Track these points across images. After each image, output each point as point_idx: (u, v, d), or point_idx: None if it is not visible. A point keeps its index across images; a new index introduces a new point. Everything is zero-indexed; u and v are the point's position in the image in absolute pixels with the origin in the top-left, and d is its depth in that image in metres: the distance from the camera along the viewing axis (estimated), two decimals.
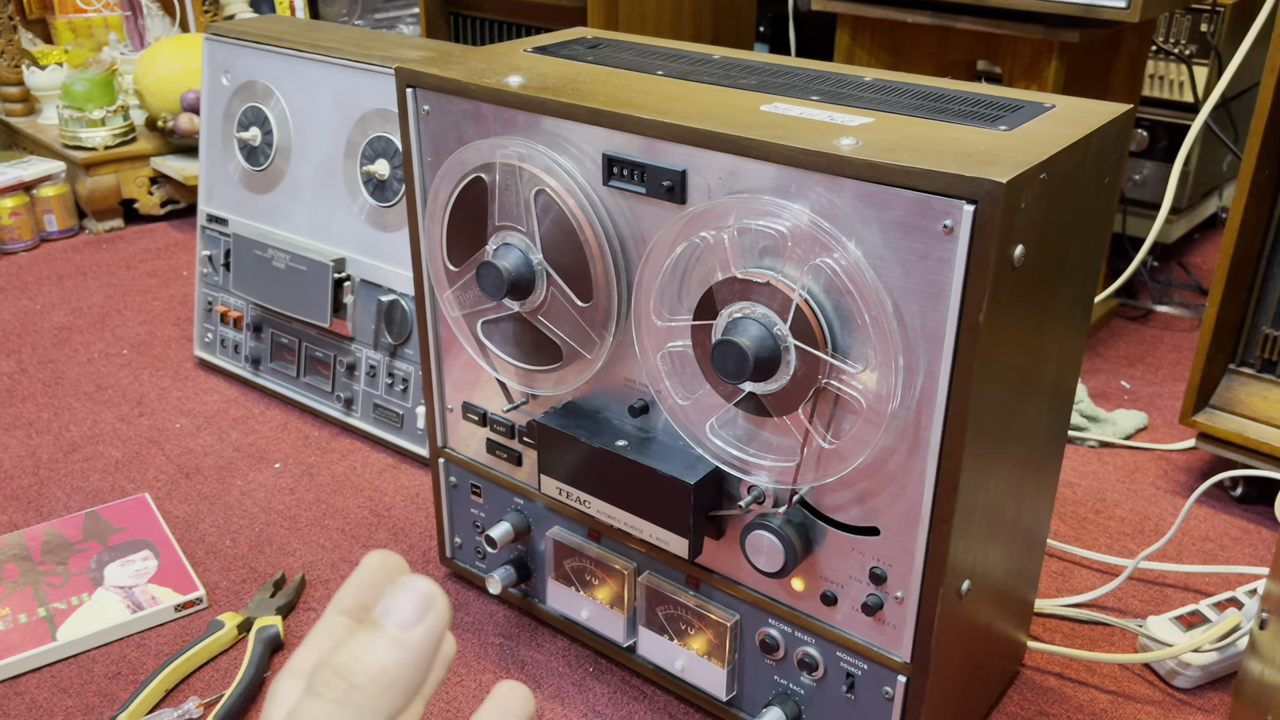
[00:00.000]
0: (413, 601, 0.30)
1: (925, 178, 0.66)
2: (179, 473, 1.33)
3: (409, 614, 0.30)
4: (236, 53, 1.44)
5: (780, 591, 0.86)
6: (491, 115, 0.88)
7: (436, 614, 0.30)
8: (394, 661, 0.29)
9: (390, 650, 0.29)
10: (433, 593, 0.30)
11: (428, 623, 0.30)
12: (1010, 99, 0.82)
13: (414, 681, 0.30)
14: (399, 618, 0.30)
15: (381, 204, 1.32)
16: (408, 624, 0.30)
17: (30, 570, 1.14)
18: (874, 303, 0.70)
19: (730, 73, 0.90)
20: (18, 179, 2.00)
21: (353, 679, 0.29)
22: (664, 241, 0.79)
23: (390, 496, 1.29)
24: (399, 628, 0.30)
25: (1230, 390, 1.27)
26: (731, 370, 0.74)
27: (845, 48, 1.54)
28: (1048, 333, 0.80)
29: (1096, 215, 0.83)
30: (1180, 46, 1.73)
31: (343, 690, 0.29)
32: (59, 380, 1.55)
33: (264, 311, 1.49)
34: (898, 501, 0.76)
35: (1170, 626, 1.04)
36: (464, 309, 0.96)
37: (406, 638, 0.30)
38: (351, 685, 0.29)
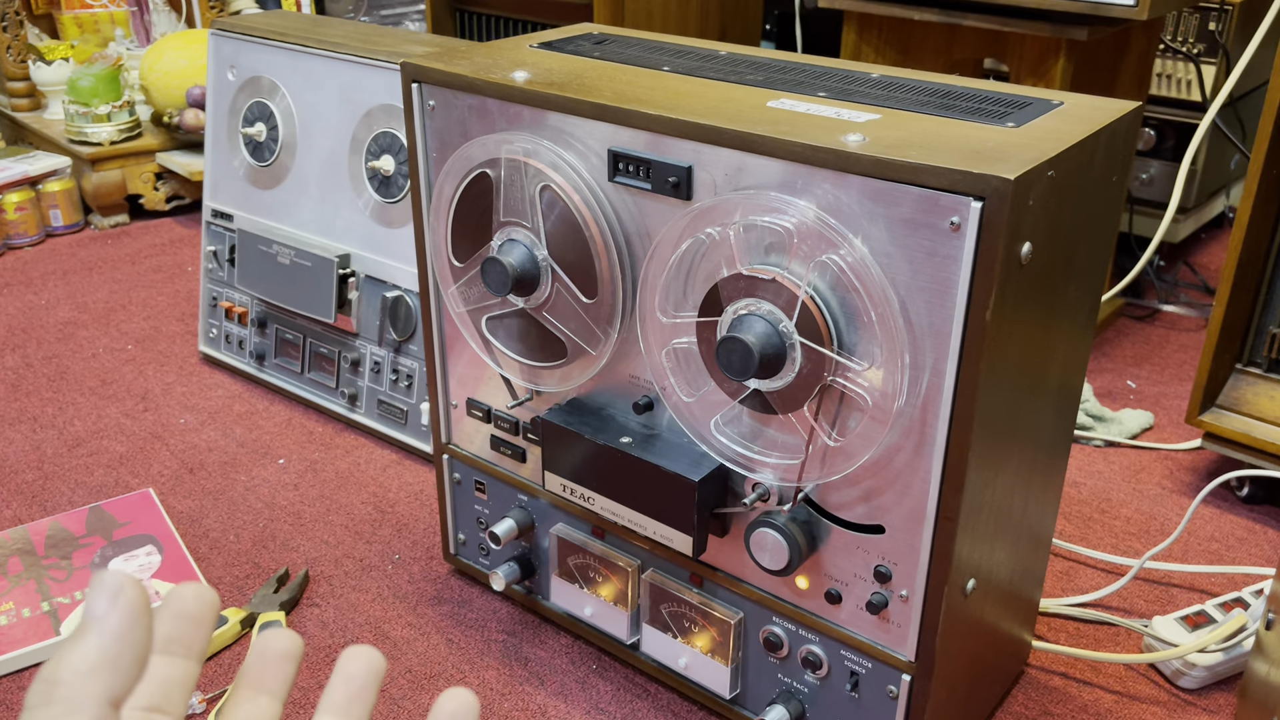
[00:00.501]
0: (101, 592, 0.31)
1: (932, 174, 0.66)
2: (183, 468, 1.33)
3: (100, 604, 0.30)
4: (242, 48, 1.44)
5: (784, 589, 0.86)
6: (497, 111, 0.88)
7: (127, 593, 0.31)
8: (92, 648, 0.30)
9: (87, 639, 0.30)
10: (119, 579, 0.31)
11: (120, 604, 0.30)
12: (1018, 96, 0.81)
13: (122, 658, 0.30)
14: (90, 611, 0.31)
15: (386, 200, 1.32)
16: (100, 613, 0.30)
17: (34, 565, 1.14)
18: (880, 300, 0.70)
19: (737, 69, 0.89)
20: (23, 174, 2.00)
21: (55, 677, 0.29)
22: (669, 238, 0.79)
23: (394, 493, 1.29)
24: (92, 619, 0.30)
25: (1237, 390, 1.27)
26: (737, 367, 0.74)
27: (852, 45, 1.53)
28: (1054, 331, 0.80)
29: (1104, 213, 0.82)
30: (1188, 45, 1.72)
31: (46, 693, 0.29)
32: (64, 375, 1.56)
33: (269, 307, 1.49)
34: (903, 500, 0.75)
35: (1176, 627, 1.04)
36: (469, 305, 0.96)
37: (100, 624, 0.30)
38: (55, 684, 0.29)
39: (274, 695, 0.38)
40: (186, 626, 0.36)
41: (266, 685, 0.38)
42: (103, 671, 0.30)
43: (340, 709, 0.39)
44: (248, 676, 0.38)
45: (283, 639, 0.39)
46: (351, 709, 0.39)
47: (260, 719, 0.38)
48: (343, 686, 0.39)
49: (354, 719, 0.39)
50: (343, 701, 0.39)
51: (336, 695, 0.39)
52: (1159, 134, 1.80)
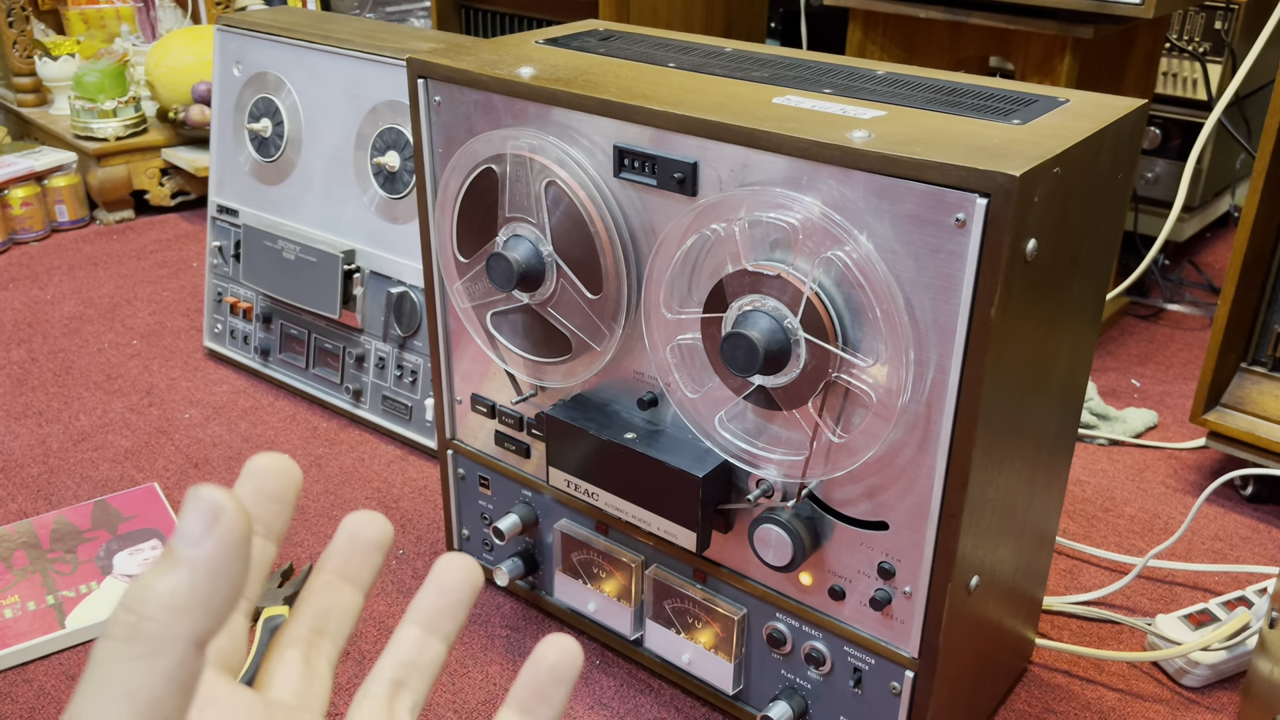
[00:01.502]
0: (198, 516, 0.27)
1: (938, 170, 0.66)
2: (188, 463, 1.34)
3: (195, 530, 0.27)
4: (248, 44, 1.44)
5: (788, 586, 0.86)
6: (502, 106, 0.88)
7: (227, 521, 0.27)
8: (184, 582, 0.26)
9: (179, 572, 0.26)
10: (218, 502, 0.27)
11: (218, 533, 0.27)
12: (1024, 93, 0.81)
13: (215, 596, 0.27)
14: (183, 535, 0.27)
15: (392, 195, 1.32)
16: (194, 540, 0.27)
17: (39, 558, 1.14)
18: (885, 296, 0.70)
19: (742, 65, 0.89)
20: (29, 169, 2.00)
21: (142, 610, 0.26)
22: (674, 234, 0.79)
23: (398, 488, 1.29)
24: (185, 546, 0.27)
25: (1241, 389, 1.26)
26: (741, 363, 0.74)
27: (857, 43, 1.53)
28: (1059, 329, 0.80)
29: (1109, 211, 0.82)
30: (1194, 44, 1.72)
31: (132, 625, 0.26)
32: (69, 370, 1.56)
33: (273, 303, 1.49)
34: (907, 496, 0.75)
35: (1179, 625, 1.04)
36: (473, 300, 0.96)
37: (194, 554, 0.27)
38: (142, 617, 0.26)
39: (358, 586, 0.35)
40: (269, 506, 0.33)
41: (351, 573, 0.35)
42: (194, 611, 0.26)
43: (429, 621, 0.35)
44: (332, 561, 0.35)
45: (373, 525, 0.36)
46: (441, 624, 0.35)
47: (342, 610, 0.35)
48: (435, 597, 0.35)
49: (443, 635, 0.35)
50: (433, 614, 0.35)
51: (426, 606, 0.35)
52: (1164, 133, 1.80)
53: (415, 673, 0.35)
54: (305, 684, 0.34)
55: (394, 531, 0.36)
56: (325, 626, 0.35)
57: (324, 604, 0.35)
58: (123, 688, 0.26)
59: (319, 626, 0.35)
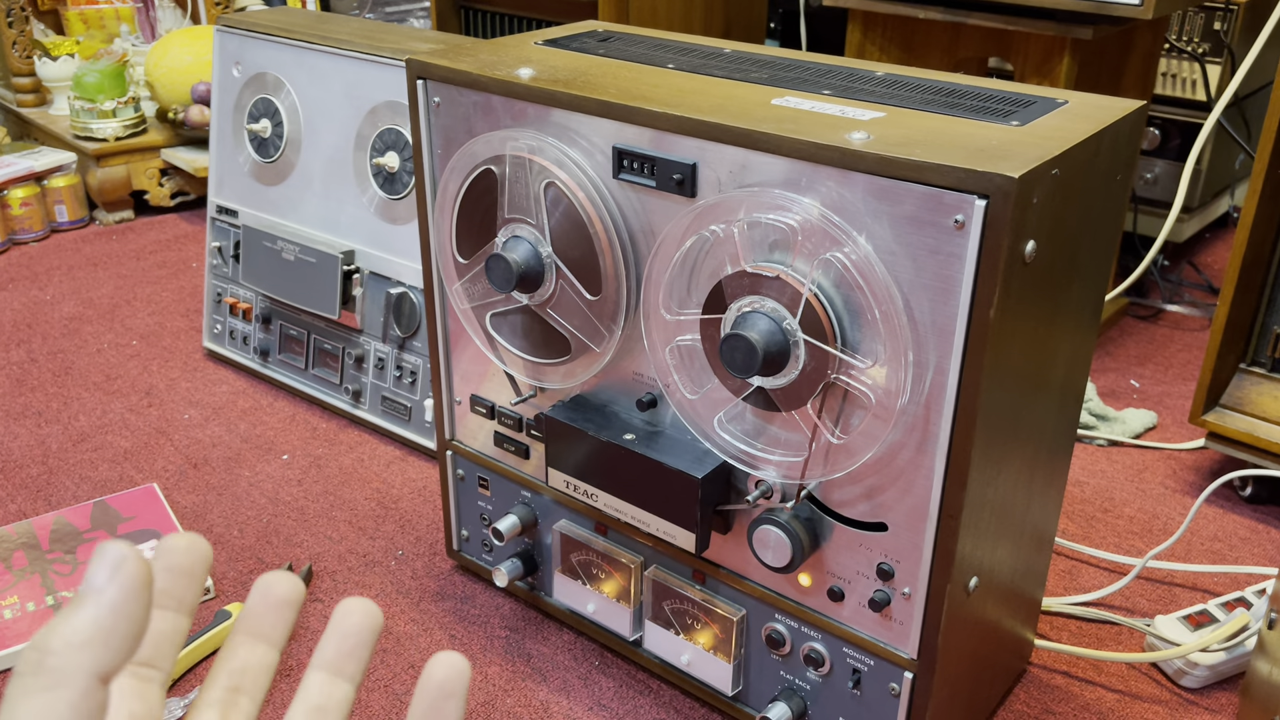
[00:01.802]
0: (103, 563, 0.30)
1: (937, 172, 0.66)
2: (187, 463, 1.34)
3: (99, 576, 0.29)
4: (247, 45, 1.44)
5: (787, 587, 0.86)
6: (502, 107, 0.88)
7: (130, 566, 0.30)
8: (87, 619, 0.29)
9: (83, 610, 0.29)
10: (122, 551, 0.30)
11: (120, 578, 0.29)
12: (1023, 94, 0.81)
13: (116, 632, 0.29)
14: (89, 581, 0.30)
15: (391, 196, 1.32)
16: (98, 586, 0.29)
17: (39, 559, 1.14)
18: (884, 298, 0.70)
19: (741, 66, 0.89)
20: (29, 169, 2.00)
21: (47, 645, 0.29)
22: (674, 235, 0.79)
23: (398, 489, 1.29)
24: (89, 590, 0.29)
25: (1240, 390, 1.27)
26: (740, 364, 0.74)
27: (856, 44, 1.53)
28: (1058, 330, 0.80)
29: (1108, 212, 0.82)
30: (1193, 44, 1.72)
31: (37, 660, 0.29)
32: (68, 370, 1.56)
33: (273, 303, 1.49)
34: (906, 497, 0.75)
35: (1178, 626, 1.04)
36: (473, 301, 0.96)
37: (99, 596, 0.29)
38: (46, 652, 0.29)
39: (272, 643, 0.37)
40: (179, 580, 0.34)
41: (265, 632, 0.36)
42: (95, 645, 0.29)
43: (334, 666, 0.36)
44: (246, 622, 0.37)
45: (284, 583, 0.37)
46: (345, 667, 0.36)
47: (258, 667, 0.36)
48: (337, 642, 0.36)
49: (348, 677, 0.36)
50: (335, 658, 0.36)
51: (329, 651, 0.36)
52: (1164, 133, 1.80)
53: (324, 715, 0.36)
54: None
55: (304, 592, 0.37)
56: (242, 685, 0.36)
57: (239, 664, 0.36)
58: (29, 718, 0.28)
59: (235, 685, 0.36)
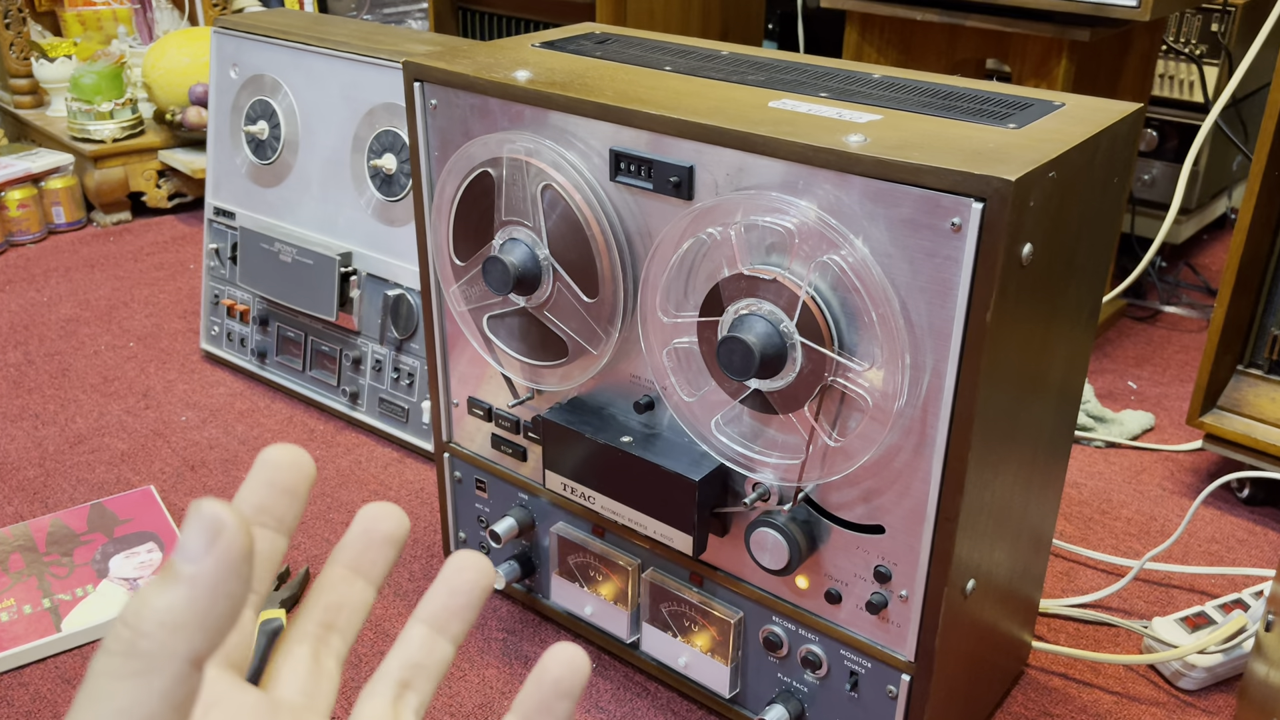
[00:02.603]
0: (197, 531, 0.26)
1: (934, 175, 0.66)
2: (184, 465, 1.33)
3: (195, 545, 0.26)
4: (245, 46, 1.44)
5: (784, 589, 0.86)
6: (499, 110, 0.88)
7: (227, 538, 0.26)
8: (181, 600, 0.26)
9: (177, 589, 0.26)
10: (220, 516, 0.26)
11: (218, 549, 0.26)
12: (1020, 97, 0.81)
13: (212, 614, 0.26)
14: (184, 551, 0.26)
15: (388, 198, 1.32)
16: (194, 557, 0.26)
17: (35, 561, 1.14)
18: (881, 300, 0.70)
19: (738, 69, 0.89)
20: (26, 171, 2.00)
21: (139, 626, 0.26)
22: (671, 237, 0.79)
23: (395, 491, 1.29)
24: (185, 562, 0.26)
25: (1238, 391, 1.27)
26: (737, 367, 0.74)
27: (854, 45, 1.53)
28: (1055, 332, 0.80)
29: (1105, 214, 0.82)
30: (1191, 46, 1.72)
31: (129, 640, 0.26)
32: (66, 372, 1.56)
33: (270, 305, 1.49)
34: (903, 500, 0.75)
35: (1175, 628, 1.04)
36: (470, 304, 0.96)
37: (193, 571, 0.26)
38: (138, 633, 0.26)
39: (371, 580, 0.35)
40: (281, 498, 0.33)
41: (364, 568, 0.35)
42: (190, 629, 0.26)
43: (439, 622, 0.35)
44: (346, 554, 0.35)
45: (389, 520, 0.35)
46: (450, 625, 0.35)
47: (353, 604, 0.35)
48: (445, 597, 0.34)
49: (451, 637, 0.35)
50: (442, 614, 0.35)
51: (436, 605, 0.35)
52: (1161, 135, 1.80)
53: (421, 673, 0.34)
54: (313, 682, 0.34)
55: (408, 529, 0.35)
56: (335, 622, 0.34)
57: (335, 599, 0.34)
58: (117, 704, 0.25)
59: (329, 621, 0.34)
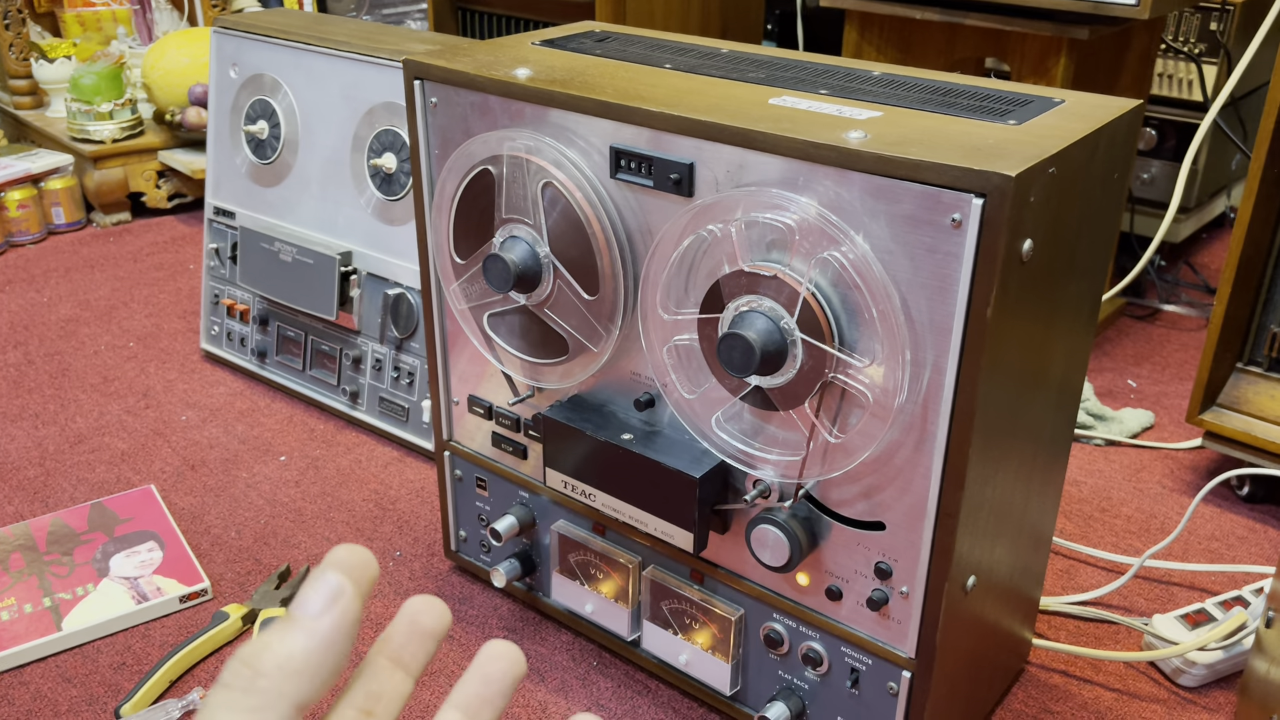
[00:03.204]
0: (321, 591, 0.31)
1: (934, 171, 0.66)
2: (185, 465, 1.33)
3: (317, 603, 0.31)
4: (244, 46, 1.44)
5: (785, 586, 0.86)
6: (499, 108, 0.88)
7: (345, 602, 0.31)
8: (300, 648, 0.30)
9: (296, 637, 0.30)
10: (342, 584, 0.31)
11: (336, 611, 0.31)
12: (1019, 94, 0.82)
13: (324, 667, 0.30)
14: (307, 608, 0.31)
15: (388, 197, 1.32)
16: (315, 613, 0.31)
17: (36, 560, 1.14)
18: (881, 296, 0.70)
19: (738, 66, 0.90)
20: (25, 171, 2.00)
21: (259, 667, 0.30)
22: (671, 234, 0.79)
23: (395, 490, 1.29)
24: (307, 617, 0.31)
25: (1237, 389, 1.27)
26: (738, 364, 0.74)
27: (853, 44, 1.54)
28: (1055, 329, 0.80)
29: (1105, 211, 0.82)
30: (1189, 45, 1.72)
31: (248, 678, 0.29)
32: (66, 372, 1.56)
33: (270, 304, 1.49)
34: (904, 496, 0.75)
35: (1176, 625, 1.04)
36: (470, 302, 0.96)
37: (314, 625, 0.30)
38: (257, 673, 0.30)
39: (410, 673, 0.36)
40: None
41: (405, 661, 0.36)
42: (304, 676, 0.30)
43: (471, 710, 0.36)
44: (389, 646, 0.36)
45: (431, 615, 0.37)
46: (482, 713, 0.36)
47: (392, 694, 0.36)
48: (479, 686, 0.36)
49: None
50: (475, 702, 0.36)
51: (470, 692, 0.36)
52: (1160, 134, 1.80)
53: None
54: None
55: (449, 624, 0.37)
56: (375, 710, 0.36)
57: (376, 688, 0.36)
58: None
59: (369, 709, 0.35)
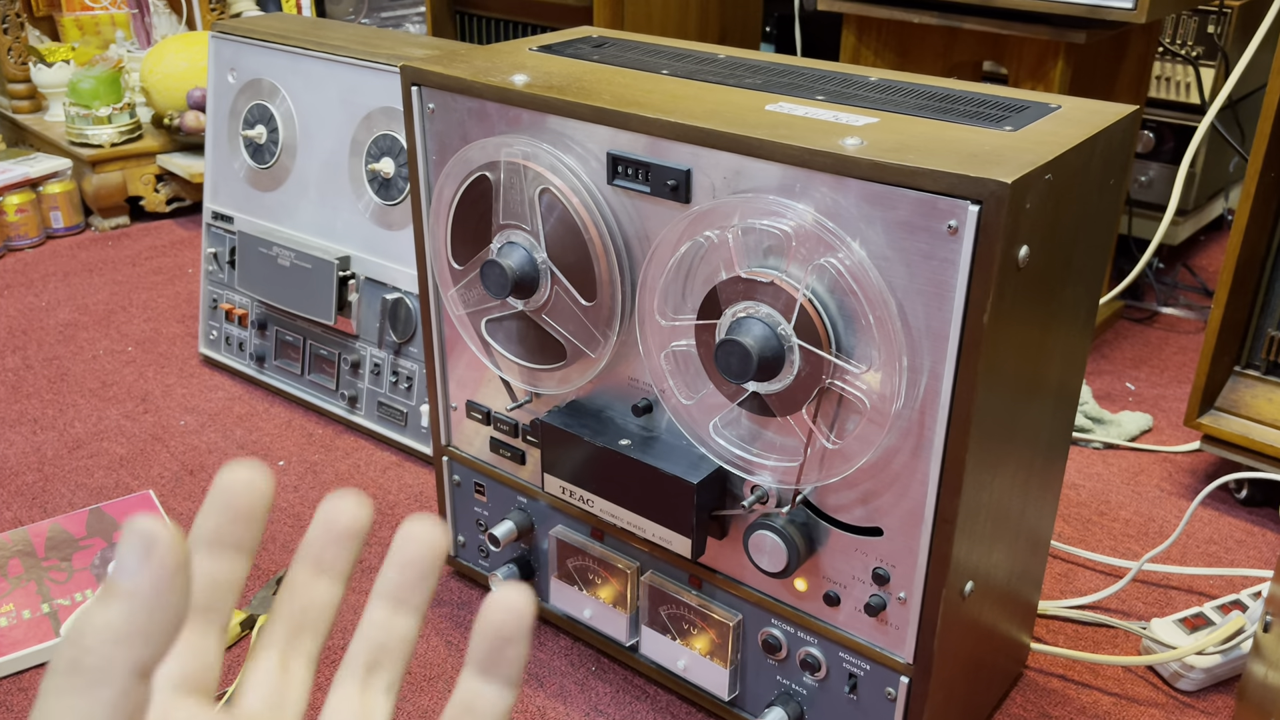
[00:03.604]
0: (132, 546, 0.27)
1: (930, 178, 0.66)
2: (183, 470, 1.33)
3: (130, 561, 0.27)
4: (243, 51, 1.44)
5: (783, 591, 0.86)
6: (496, 114, 0.88)
7: (161, 552, 0.27)
8: (119, 614, 0.27)
9: (115, 604, 0.27)
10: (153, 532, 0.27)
11: (153, 564, 0.27)
12: (1016, 99, 0.82)
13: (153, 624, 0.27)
14: (120, 567, 0.27)
15: (386, 202, 1.32)
16: (130, 571, 0.27)
17: (34, 566, 1.14)
18: (878, 303, 0.70)
19: (735, 72, 0.90)
20: (24, 176, 2.00)
21: (81, 642, 0.27)
22: (668, 241, 0.79)
23: (394, 495, 1.29)
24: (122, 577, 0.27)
25: (1235, 392, 1.27)
26: (735, 370, 0.74)
27: (851, 48, 1.54)
28: (1053, 333, 0.80)
29: (1102, 216, 0.82)
30: (1187, 48, 1.72)
31: (73, 658, 0.27)
32: (64, 377, 1.56)
33: (269, 309, 1.49)
34: (901, 502, 0.76)
35: (1174, 629, 1.04)
36: (468, 307, 0.96)
37: (130, 585, 0.27)
38: (82, 650, 0.27)
39: (336, 576, 0.34)
40: (237, 524, 0.32)
41: (327, 565, 0.34)
42: (132, 641, 0.27)
43: (398, 598, 0.34)
44: (308, 552, 0.34)
45: (347, 513, 0.34)
46: (409, 599, 0.34)
47: (320, 603, 0.34)
48: (398, 572, 0.34)
49: (411, 609, 0.34)
50: (399, 590, 0.34)
51: (391, 579, 0.34)
52: (1158, 136, 1.81)
53: (386, 652, 0.34)
54: (280, 689, 0.34)
55: (369, 519, 0.34)
56: (304, 623, 0.34)
57: (302, 600, 0.34)
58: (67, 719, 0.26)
59: (298, 624, 0.34)
